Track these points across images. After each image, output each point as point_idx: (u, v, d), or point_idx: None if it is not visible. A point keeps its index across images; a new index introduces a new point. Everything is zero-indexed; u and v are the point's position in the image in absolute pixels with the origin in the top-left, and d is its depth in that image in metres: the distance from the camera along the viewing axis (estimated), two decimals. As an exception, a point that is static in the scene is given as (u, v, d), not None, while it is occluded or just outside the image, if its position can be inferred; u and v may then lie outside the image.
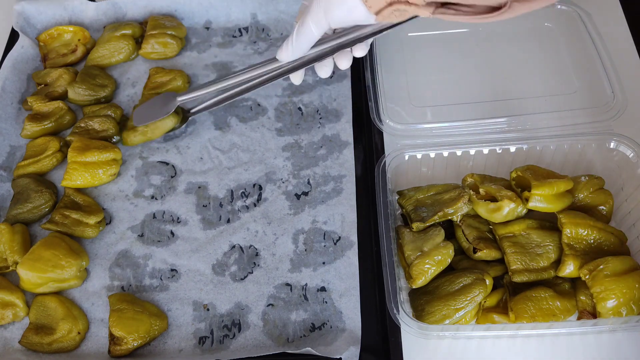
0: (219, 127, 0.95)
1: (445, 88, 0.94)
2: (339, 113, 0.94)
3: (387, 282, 0.70)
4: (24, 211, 0.86)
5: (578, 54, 0.93)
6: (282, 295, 0.79)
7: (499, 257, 0.74)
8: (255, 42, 1.05)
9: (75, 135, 0.92)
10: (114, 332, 0.74)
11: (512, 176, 0.77)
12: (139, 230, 0.86)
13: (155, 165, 0.92)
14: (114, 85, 1.00)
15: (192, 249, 0.83)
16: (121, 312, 0.76)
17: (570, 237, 0.72)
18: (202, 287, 0.80)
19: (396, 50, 0.97)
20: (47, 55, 1.04)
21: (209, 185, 0.89)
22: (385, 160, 0.80)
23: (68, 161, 0.87)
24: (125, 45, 1.02)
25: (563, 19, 0.96)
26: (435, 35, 0.99)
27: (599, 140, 0.80)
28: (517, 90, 0.92)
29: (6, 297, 0.78)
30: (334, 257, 0.81)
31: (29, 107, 0.97)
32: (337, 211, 0.85)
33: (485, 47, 0.98)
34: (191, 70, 1.01)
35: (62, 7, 1.06)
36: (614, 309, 0.68)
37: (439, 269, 0.73)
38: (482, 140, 0.82)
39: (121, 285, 0.81)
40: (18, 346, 0.77)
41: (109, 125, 0.92)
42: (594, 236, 0.72)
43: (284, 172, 0.89)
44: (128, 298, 0.78)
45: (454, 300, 0.70)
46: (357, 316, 0.76)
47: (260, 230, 0.84)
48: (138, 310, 0.76)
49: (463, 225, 0.76)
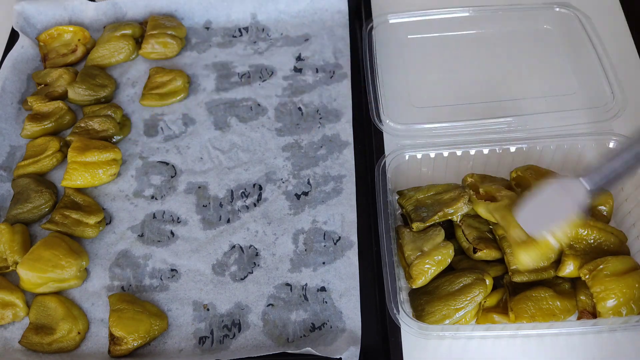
0: (219, 127, 0.95)
1: (445, 88, 0.94)
2: (339, 113, 0.94)
3: (387, 282, 0.70)
4: (24, 211, 0.86)
5: (578, 55, 0.93)
6: (282, 295, 0.79)
7: (499, 257, 0.74)
8: (255, 42, 1.05)
9: (75, 135, 0.91)
10: (114, 332, 0.74)
11: (512, 176, 0.77)
12: (139, 230, 0.86)
13: (155, 165, 0.92)
14: (114, 85, 1.00)
15: (192, 249, 0.83)
16: (121, 312, 0.76)
17: (570, 237, 0.72)
18: (202, 287, 0.80)
19: (396, 50, 0.98)
20: (47, 55, 1.04)
21: (209, 185, 0.89)
22: (385, 160, 0.80)
23: (68, 161, 0.87)
24: (125, 45, 1.02)
25: (562, 22, 0.96)
26: (435, 36, 0.99)
27: (599, 140, 0.80)
28: (517, 90, 0.92)
29: (6, 297, 0.78)
30: (334, 257, 0.81)
31: (29, 107, 0.97)
32: (337, 211, 0.85)
33: (486, 48, 0.98)
34: (191, 70, 1.01)
35: (62, 7, 1.07)
36: (614, 308, 0.68)
37: (439, 269, 0.73)
38: (482, 140, 0.82)
39: (121, 285, 0.81)
40: (18, 346, 0.77)
41: (109, 125, 0.92)
42: (594, 236, 0.73)
43: (284, 172, 0.89)
44: (128, 298, 0.78)
45: (454, 300, 0.70)
46: (357, 316, 0.76)
47: (260, 230, 0.84)
48: (138, 310, 0.76)
49: (463, 225, 0.76)
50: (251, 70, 1.01)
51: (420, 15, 0.98)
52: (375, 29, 0.96)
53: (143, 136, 0.95)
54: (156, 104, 0.97)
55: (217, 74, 1.01)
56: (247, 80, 1.00)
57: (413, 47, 0.98)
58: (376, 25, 0.96)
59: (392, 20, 0.98)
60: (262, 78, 1.00)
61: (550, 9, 0.96)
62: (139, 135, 0.95)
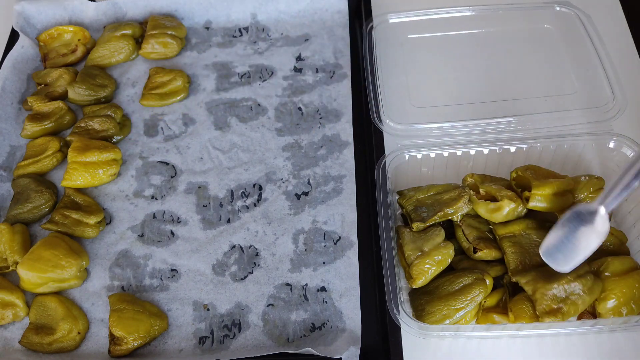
0: (219, 127, 0.95)
1: (445, 88, 0.94)
2: (339, 113, 0.94)
3: (387, 282, 0.70)
4: (24, 211, 0.86)
5: (578, 54, 0.93)
6: (282, 295, 0.79)
7: (499, 257, 0.74)
8: (255, 42, 1.05)
9: (75, 135, 0.92)
10: (114, 332, 0.74)
11: (512, 176, 0.77)
12: (139, 230, 0.86)
13: (155, 165, 0.92)
14: (114, 86, 1.00)
15: (192, 249, 0.83)
16: (121, 312, 0.76)
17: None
18: (202, 287, 0.80)
19: (396, 50, 0.97)
20: (47, 55, 1.04)
21: (209, 185, 0.89)
22: (385, 160, 0.80)
23: (68, 161, 0.87)
24: (125, 45, 1.02)
25: (562, 21, 0.96)
26: (435, 36, 0.99)
27: (599, 140, 0.80)
28: (517, 90, 0.92)
29: (6, 297, 0.78)
30: (334, 257, 0.81)
31: (29, 107, 0.97)
32: (337, 211, 0.85)
33: (486, 48, 0.98)
34: (191, 70, 1.01)
35: (62, 7, 1.07)
36: (613, 308, 0.68)
37: (439, 269, 0.73)
38: (482, 140, 0.82)
39: (121, 285, 0.81)
40: (18, 346, 0.77)
41: (109, 125, 0.92)
42: (594, 236, 0.72)
43: (284, 172, 0.89)
44: (128, 298, 0.78)
45: (454, 300, 0.70)
46: (357, 316, 0.76)
47: (260, 230, 0.84)
48: (138, 310, 0.76)
49: (463, 225, 0.76)
50: (251, 70, 1.01)
51: (421, 14, 0.98)
52: (375, 29, 0.96)
53: (143, 136, 0.95)
54: (156, 104, 0.97)
55: (217, 74, 1.01)
56: (247, 80, 1.00)
57: (413, 47, 0.98)
58: (376, 25, 0.96)
59: (392, 20, 0.97)
60: (262, 78, 1.00)
61: (551, 8, 0.96)
62: (139, 135, 0.95)
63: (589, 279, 0.68)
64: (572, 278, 0.67)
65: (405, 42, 0.99)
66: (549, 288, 0.67)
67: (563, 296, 0.67)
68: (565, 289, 0.67)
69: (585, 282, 0.67)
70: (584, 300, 0.67)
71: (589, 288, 0.67)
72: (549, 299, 0.67)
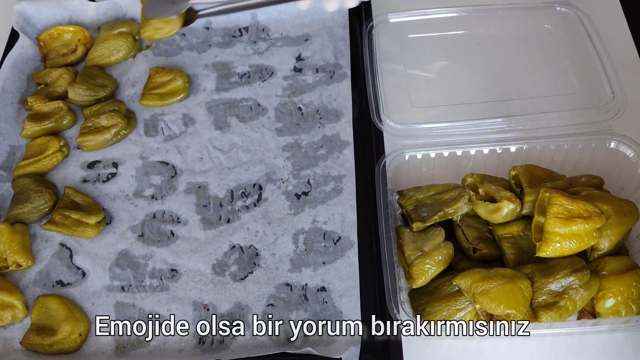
0: (219, 127, 0.95)
1: (445, 88, 0.94)
2: (339, 113, 0.94)
3: (387, 282, 0.70)
4: (24, 211, 0.86)
5: (578, 54, 0.93)
6: (282, 295, 0.79)
7: (499, 257, 0.74)
8: (255, 42, 1.05)
9: (84, 136, 0.91)
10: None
11: (511, 174, 0.77)
12: (139, 230, 0.86)
13: (155, 165, 0.92)
14: (114, 86, 1.00)
15: (192, 249, 0.83)
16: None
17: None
18: (202, 287, 0.80)
19: (396, 50, 0.97)
20: (47, 55, 1.04)
21: (209, 185, 0.89)
22: (385, 160, 0.80)
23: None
24: (123, 42, 1.02)
25: (562, 21, 0.96)
26: (435, 36, 0.99)
27: (599, 140, 0.80)
28: (517, 90, 0.92)
29: (5, 298, 0.78)
30: (334, 257, 0.81)
31: (29, 107, 0.97)
32: (337, 211, 0.85)
33: (486, 48, 0.98)
34: (191, 70, 1.01)
35: (62, 7, 1.06)
36: (612, 308, 0.68)
37: (439, 269, 0.73)
38: (482, 140, 0.82)
39: (121, 285, 0.81)
40: (19, 347, 0.77)
41: (118, 119, 0.92)
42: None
43: (284, 172, 0.89)
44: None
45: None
46: (357, 316, 0.76)
47: (260, 230, 0.84)
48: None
49: (463, 225, 0.76)
50: (251, 70, 1.01)
51: (421, 14, 0.98)
52: (375, 29, 0.96)
53: (143, 136, 0.95)
54: (156, 104, 0.97)
55: (217, 74, 1.01)
56: (247, 80, 1.00)
57: (413, 46, 0.98)
58: (376, 25, 0.96)
59: (392, 20, 0.97)
60: (262, 78, 1.00)
61: (551, 8, 0.96)
62: (139, 135, 0.95)
63: (585, 274, 0.68)
64: (569, 272, 0.68)
65: (405, 42, 0.98)
66: (545, 282, 0.68)
67: (560, 290, 0.68)
68: (561, 284, 0.68)
69: (582, 276, 0.68)
70: (582, 296, 0.67)
71: (586, 283, 0.68)
72: (545, 294, 0.67)
